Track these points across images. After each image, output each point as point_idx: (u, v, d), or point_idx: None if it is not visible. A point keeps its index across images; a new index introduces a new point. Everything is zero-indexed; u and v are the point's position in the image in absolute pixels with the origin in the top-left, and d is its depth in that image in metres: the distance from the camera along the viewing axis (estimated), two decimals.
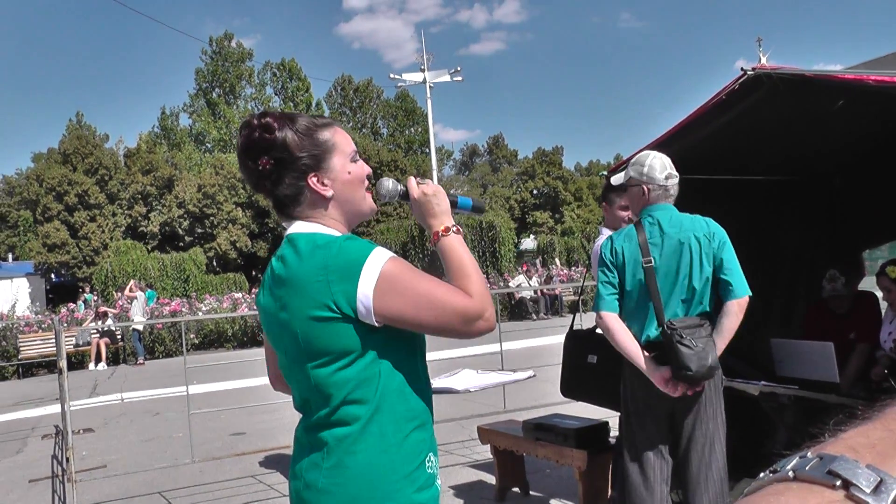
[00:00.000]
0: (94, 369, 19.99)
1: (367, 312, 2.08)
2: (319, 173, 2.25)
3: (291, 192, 2.24)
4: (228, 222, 44.30)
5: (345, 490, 2.11)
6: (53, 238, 39.83)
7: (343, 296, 2.07)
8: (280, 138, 2.21)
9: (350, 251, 2.12)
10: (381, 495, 2.11)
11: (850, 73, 4.35)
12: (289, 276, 2.18)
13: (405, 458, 2.15)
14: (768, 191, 6.56)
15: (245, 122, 2.31)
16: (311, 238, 2.20)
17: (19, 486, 8.07)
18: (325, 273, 2.09)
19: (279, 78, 62.75)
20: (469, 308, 2.14)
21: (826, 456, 0.60)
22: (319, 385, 2.15)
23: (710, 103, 4.90)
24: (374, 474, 2.11)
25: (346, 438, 2.12)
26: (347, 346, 2.11)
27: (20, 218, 46.58)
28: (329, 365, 2.13)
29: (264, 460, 8.10)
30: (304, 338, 2.14)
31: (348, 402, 2.13)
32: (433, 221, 2.37)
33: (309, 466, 2.18)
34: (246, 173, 2.31)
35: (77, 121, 55.16)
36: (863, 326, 5.85)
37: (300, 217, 2.28)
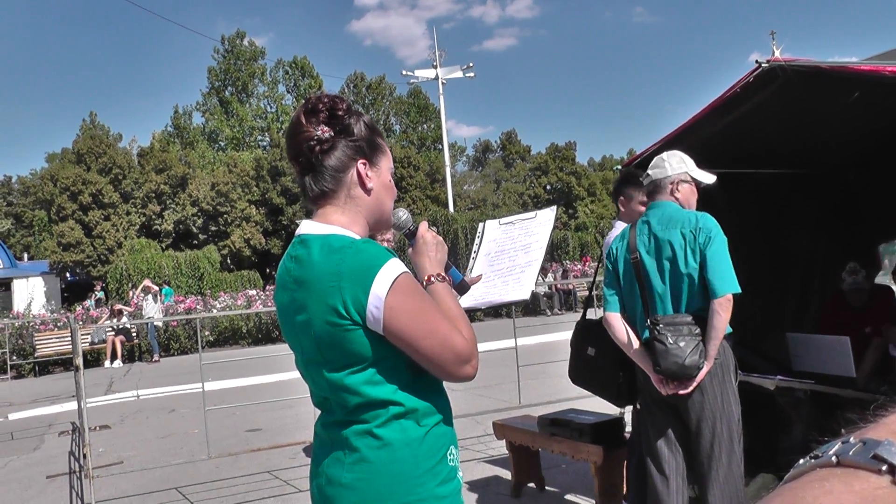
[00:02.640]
0: (110, 367, 20.06)
1: (376, 320, 2.08)
2: (369, 163, 2.28)
3: (337, 164, 2.24)
4: (242, 220, 44.39)
5: (369, 485, 2.11)
6: (68, 237, 39.99)
7: (353, 302, 2.07)
8: (347, 118, 2.25)
9: (366, 254, 2.11)
10: (404, 490, 2.11)
11: (866, 64, 4.32)
12: (305, 278, 2.17)
13: (427, 452, 2.15)
14: (783, 184, 6.53)
15: (316, 94, 2.34)
16: (327, 241, 2.18)
17: (37, 482, 8.11)
18: (338, 278, 2.09)
19: (291, 76, 62.78)
20: (464, 350, 2.16)
21: (870, 441, 0.58)
22: (336, 387, 2.16)
23: (724, 97, 4.88)
24: (397, 469, 2.11)
25: (368, 435, 2.12)
26: (360, 352, 2.12)
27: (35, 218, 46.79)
28: (344, 369, 2.14)
29: (280, 456, 8.11)
30: (319, 342, 2.15)
31: (366, 402, 2.13)
32: (427, 265, 2.41)
33: (331, 462, 2.19)
34: (296, 136, 2.26)
35: (90, 121, 55.31)
36: (879, 321, 5.82)
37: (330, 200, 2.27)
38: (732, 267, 4.01)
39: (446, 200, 44.43)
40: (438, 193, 48.44)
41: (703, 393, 4.13)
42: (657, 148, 5.32)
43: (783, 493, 0.59)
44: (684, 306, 4.16)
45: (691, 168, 4.31)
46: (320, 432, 2.30)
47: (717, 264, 4.01)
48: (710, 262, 4.02)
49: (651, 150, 5.54)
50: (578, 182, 55.37)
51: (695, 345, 4.05)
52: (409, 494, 2.11)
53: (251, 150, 56.52)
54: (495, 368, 10.26)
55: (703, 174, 4.34)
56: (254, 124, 61.62)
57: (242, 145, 59.45)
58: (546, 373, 9.51)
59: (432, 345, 2.11)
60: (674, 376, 4.13)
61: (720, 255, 4.03)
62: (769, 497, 0.59)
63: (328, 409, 2.25)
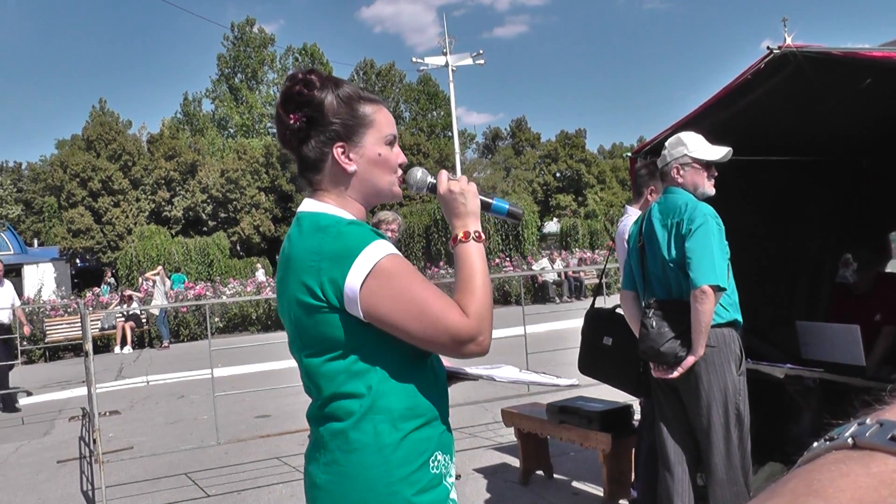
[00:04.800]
0: (120, 352, 20.14)
1: (353, 306, 1.96)
2: (348, 145, 2.13)
3: (314, 156, 2.15)
4: (252, 207, 44.46)
5: (339, 488, 2.01)
6: (78, 224, 40.12)
7: (330, 284, 1.97)
8: (318, 97, 2.11)
9: (347, 238, 2.00)
10: (375, 497, 1.99)
11: (878, 50, 4.29)
12: (290, 256, 2.09)
13: (403, 458, 2.01)
14: (794, 172, 6.50)
15: (291, 74, 2.20)
16: (315, 218, 2.10)
17: (47, 467, 8.15)
18: (318, 257, 1.99)
19: (301, 63, 62.65)
20: (462, 329, 1.99)
21: (887, 422, 0.57)
22: (311, 374, 2.08)
23: (735, 83, 4.86)
24: (367, 475, 1.99)
25: (340, 435, 2.02)
26: (336, 338, 2.01)
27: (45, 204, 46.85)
28: (319, 355, 2.04)
29: (289, 442, 8.13)
30: (297, 324, 2.07)
31: (339, 395, 2.02)
32: (456, 222, 2.22)
33: (310, 459, 2.12)
34: (277, 125, 2.19)
35: (100, 107, 55.39)
36: (888, 308, 5.79)
37: (318, 186, 2.18)
38: (716, 258, 3.96)
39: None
40: None
41: (698, 380, 4.14)
42: (666, 135, 5.30)
43: (798, 475, 0.58)
44: (674, 293, 4.19)
45: (692, 149, 4.28)
46: (310, 424, 2.19)
47: (696, 255, 3.99)
48: (688, 252, 4.02)
49: (660, 137, 5.52)
50: (588, 169, 55.24)
51: (678, 332, 4.05)
52: (381, 502, 1.99)
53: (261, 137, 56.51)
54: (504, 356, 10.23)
55: (708, 151, 4.30)
56: (263, 111, 61.58)
57: (252, 132, 59.45)
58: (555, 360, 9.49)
59: (423, 327, 1.97)
60: (652, 360, 4.18)
61: (701, 247, 4.00)
62: (784, 479, 0.58)
63: (312, 398, 2.16)
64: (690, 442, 4.37)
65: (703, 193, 4.27)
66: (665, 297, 4.23)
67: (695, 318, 3.97)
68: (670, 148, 4.35)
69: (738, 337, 4.22)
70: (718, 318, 4.09)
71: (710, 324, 3.99)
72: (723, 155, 4.29)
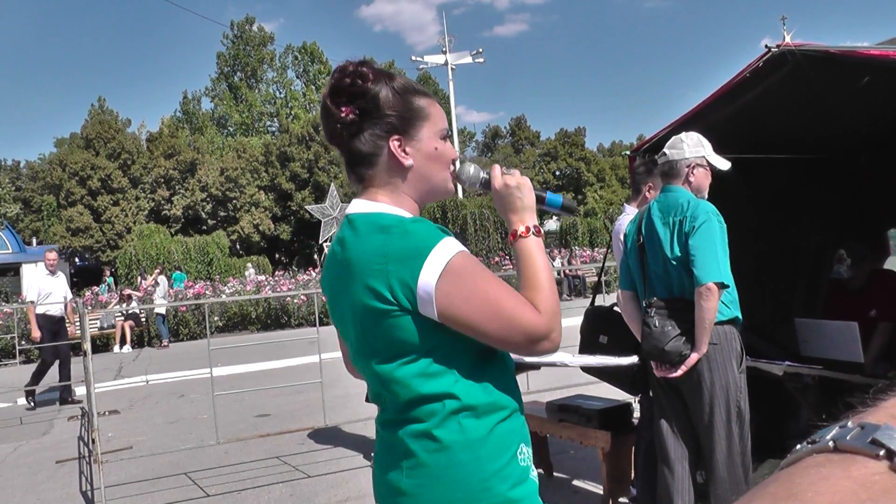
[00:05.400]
0: (119, 352, 20.13)
1: (428, 307, 1.87)
2: (404, 138, 2.04)
3: (368, 150, 2.04)
4: (251, 205, 44.50)
5: (429, 492, 1.91)
6: (77, 222, 40.13)
7: (400, 285, 1.87)
8: (373, 89, 2.02)
9: (415, 236, 1.90)
10: (470, 496, 1.90)
11: (876, 49, 4.29)
12: (349, 260, 1.97)
13: (493, 452, 1.93)
14: (793, 169, 6.50)
15: (340, 66, 2.10)
16: (372, 219, 1.99)
17: (46, 467, 8.14)
18: (385, 260, 1.89)
19: (301, 61, 62.80)
20: (537, 327, 1.90)
21: (868, 425, 0.57)
22: (385, 381, 1.96)
23: (733, 81, 4.85)
24: (459, 473, 1.90)
25: (424, 436, 1.92)
26: (410, 341, 1.91)
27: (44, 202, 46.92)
28: (393, 360, 1.94)
29: (289, 441, 8.14)
30: (365, 331, 1.96)
31: (420, 398, 1.92)
32: (513, 217, 2.13)
33: (389, 467, 2.00)
34: (325, 120, 2.08)
35: (99, 105, 55.44)
36: (884, 304, 5.79)
37: (371, 183, 2.08)
38: (720, 256, 3.97)
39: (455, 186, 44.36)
40: None
41: (700, 378, 4.14)
42: (666, 133, 5.30)
43: (779, 478, 0.58)
44: (676, 292, 4.18)
45: (709, 152, 4.30)
46: (379, 430, 2.09)
47: (700, 253, 3.99)
48: (692, 250, 4.02)
49: (660, 134, 5.52)
50: (588, 168, 55.35)
51: (681, 331, 4.06)
52: (477, 501, 1.90)
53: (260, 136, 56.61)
54: None
55: (720, 160, 4.33)
56: (263, 110, 61.68)
57: (251, 131, 59.53)
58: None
59: (499, 327, 1.88)
60: (656, 360, 4.18)
61: (704, 244, 4.00)
62: (765, 483, 0.58)
63: (384, 406, 2.05)
64: (691, 440, 4.37)
65: (702, 198, 4.28)
66: (666, 296, 4.23)
67: (699, 315, 3.97)
68: (691, 145, 4.31)
69: (739, 334, 4.22)
70: (720, 316, 4.09)
71: (713, 321, 3.99)
72: (728, 167, 4.36)
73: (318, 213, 37.61)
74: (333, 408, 8.43)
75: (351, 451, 7.72)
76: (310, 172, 45.83)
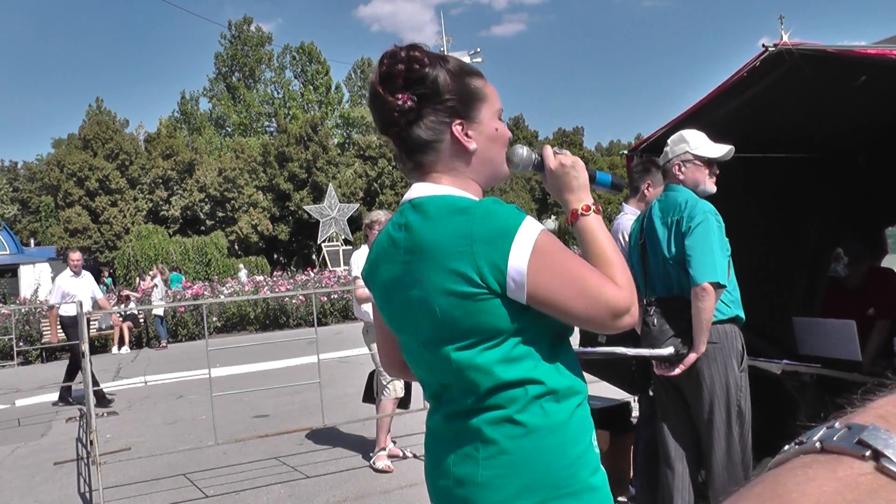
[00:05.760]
0: (118, 353, 20.11)
1: (518, 289, 1.81)
2: (466, 122, 1.97)
3: (429, 137, 1.96)
4: (249, 206, 44.51)
5: (511, 481, 1.82)
6: (75, 223, 40.12)
7: (490, 268, 1.80)
8: (431, 74, 1.94)
9: (499, 217, 1.83)
10: (554, 482, 1.83)
11: (873, 48, 4.29)
12: (421, 245, 1.90)
13: (574, 437, 1.88)
14: (791, 168, 6.50)
15: (389, 52, 1.99)
16: (445, 201, 1.92)
17: (44, 469, 8.13)
18: (469, 242, 1.81)
19: (298, 61, 62.83)
20: (620, 301, 1.86)
21: (855, 426, 0.57)
22: (464, 369, 1.87)
23: (731, 80, 4.85)
24: (543, 458, 1.83)
25: (506, 422, 1.84)
26: (495, 325, 1.84)
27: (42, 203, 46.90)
28: (475, 346, 1.86)
29: (287, 442, 8.14)
30: (444, 316, 1.86)
31: (501, 384, 1.85)
32: (571, 197, 2.09)
33: (459, 460, 1.90)
34: (378, 109, 1.99)
35: (97, 106, 55.43)
36: (881, 302, 5.79)
37: (432, 169, 2.00)
38: (716, 255, 3.95)
39: None
40: None
41: (700, 377, 4.15)
42: (664, 132, 5.30)
43: (765, 479, 0.57)
44: (676, 290, 4.18)
45: (694, 146, 4.28)
46: (438, 427, 2.01)
47: (696, 253, 3.99)
48: (688, 250, 4.02)
49: (657, 134, 5.52)
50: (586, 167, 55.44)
51: (679, 330, 4.06)
52: (561, 488, 1.83)
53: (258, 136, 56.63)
54: None
55: (710, 149, 4.29)
56: (261, 110, 61.69)
57: (249, 131, 59.56)
58: None
59: (585, 305, 1.83)
60: (654, 358, 4.18)
61: (701, 244, 4.00)
62: (751, 483, 0.58)
63: (450, 399, 1.95)
64: (691, 438, 4.38)
65: (703, 191, 4.26)
66: (666, 295, 4.23)
67: (695, 315, 3.97)
68: (672, 145, 4.34)
69: (740, 333, 4.23)
70: (720, 315, 4.10)
71: (710, 321, 3.98)
72: (724, 153, 4.28)
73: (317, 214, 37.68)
74: (332, 408, 8.43)
75: (350, 451, 7.72)
76: (308, 173, 45.85)
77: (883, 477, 0.53)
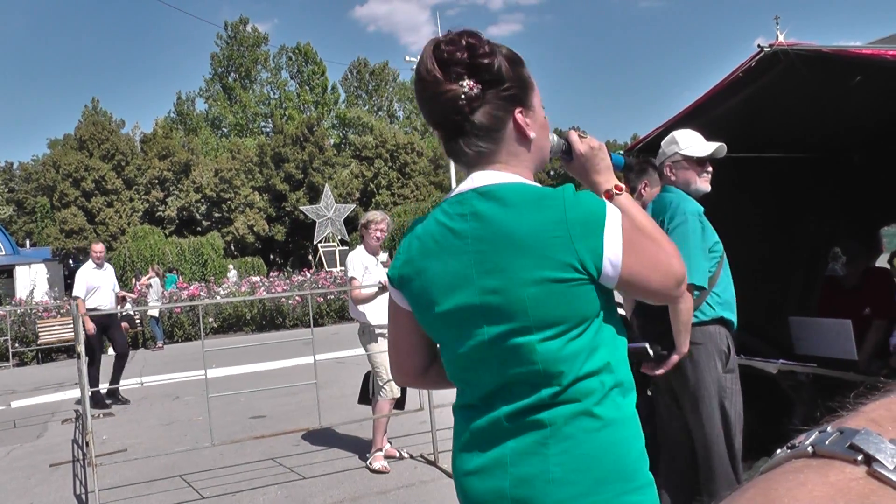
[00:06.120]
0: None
1: (613, 273, 1.81)
2: (525, 109, 1.94)
3: (490, 124, 1.91)
4: (246, 206, 44.49)
5: (585, 476, 1.77)
6: (71, 224, 40.08)
7: (589, 253, 1.78)
8: (495, 62, 1.89)
9: (588, 202, 1.82)
10: (625, 476, 1.81)
11: (868, 48, 4.30)
12: (503, 233, 1.82)
13: (638, 432, 1.87)
14: (787, 168, 6.51)
15: (447, 38, 1.91)
16: (521, 189, 1.88)
17: (40, 471, 8.12)
18: (566, 227, 1.78)
19: (295, 62, 62.83)
20: (680, 269, 1.91)
21: (847, 430, 0.57)
22: (550, 361, 1.80)
23: (726, 81, 4.86)
24: (617, 452, 1.80)
25: (583, 415, 1.79)
26: (585, 312, 1.81)
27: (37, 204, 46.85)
28: (562, 335, 1.80)
29: (284, 443, 8.13)
30: (534, 305, 1.79)
31: (583, 375, 1.81)
32: (600, 179, 2.12)
33: (521, 458, 1.83)
34: (435, 97, 1.90)
35: (93, 107, 55.34)
36: (878, 302, 5.81)
37: (493, 158, 1.95)
38: (693, 258, 3.92)
39: (450, 186, 44.42)
40: (442, 179, 48.47)
41: (684, 377, 4.16)
42: (660, 132, 5.31)
43: (757, 484, 0.57)
44: None
45: (684, 147, 4.27)
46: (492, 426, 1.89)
47: None
48: None
49: (653, 134, 5.52)
50: None
51: (661, 331, 4.06)
52: (630, 482, 1.82)
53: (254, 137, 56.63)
54: None
55: (699, 148, 4.27)
56: (257, 110, 61.69)
57: (245, 131, 59.56)
58: None
59: (660, 278, 1.87)
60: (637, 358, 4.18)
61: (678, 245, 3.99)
62: (743, 488, 0.58)
63: (514, 395, 1.86)
64: (687, 438, 4.38)
65: (696, 190, 4.26)
66: None
67: (673, 317, 3.96)
68: (664, 147, 4.36)
69: (728, 335, 4.21)
70: (703, 316, 4.11)
71: (689, 322, 3.97)
72: (712, 151, 4.25)
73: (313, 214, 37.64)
74: (328, 409, 8.42)
75: (346, 452, 7.71)
76: (304, 173, 45.83)
77: (874, 481, 0.53)
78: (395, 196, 47.31)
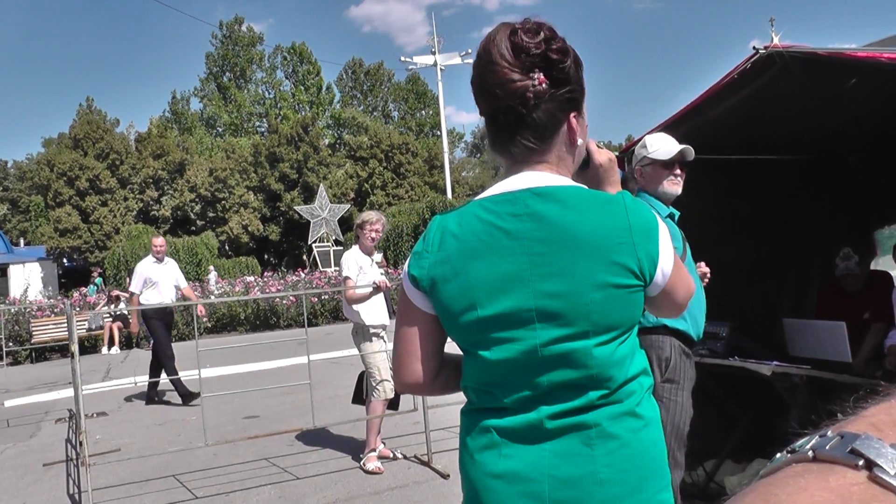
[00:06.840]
0: (107, 353, 20.06)
1: (661, 282, 1.85)
2: (577, 114, 1.92)
3: (546, 121, 1.86)
4: (240, 206, 44.44)
5: (632, 475, 1.79)
6: (65, 223, 40.00)
7: (647, 260, 1.80)
8: (568, 62, 1.84)
9: (645, 211, 1.84)
10: (663, 472, 1.85)
11: (863, 51, 4.30)
12: (568, 235, 1.79)
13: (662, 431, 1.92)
14: (781, 170, 6.51)
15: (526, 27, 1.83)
16: (580, 192, 1.86)
17: (33, 470, 8.10)
18: (630, 233, 1.79)
19: (290, 62, 62.80)
20: (693, 287, 1.98)
21: (847, 434, 0.56)
22: (604, 365, 1.80)
23: (721, 83, 4.85)
24: (655, 451, 1.85)
25: (627, 416, 1.81)
26: (635, 318, 1.85)
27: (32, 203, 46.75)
28: (614, 340, 1.81)
29: (278, 443, 8.12)
30: (596, 309, 1.77)
31: (629, 378, 1.84)
32: (611, 190, 2.08)
33: (562, 461, 1.80)
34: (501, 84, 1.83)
35: (87, 106, 55.26)
36: (877, 306, 5.81)
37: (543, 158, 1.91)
38: None
39: (444, 187, 44.46)
40: (437, 180, 48.45)
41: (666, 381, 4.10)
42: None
43: (757, 488, 0.57)
44: None
45: (651, 150, 4.23)
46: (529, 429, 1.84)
47: None
48: None
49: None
50: None
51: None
52: (664, 478, 1.85)
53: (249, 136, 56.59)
54: None
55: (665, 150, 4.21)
56: (252, 110, 61.65)
57: (240, 131, 59.50)
58: None
59: (683, 293, 1.94)
60: None
61: None
62: (743, 493, 0.57)
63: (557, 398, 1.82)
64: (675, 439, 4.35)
65: (664, 193, 4.19)
66: None
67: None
68: (636, 151, 4.33)
69: (677, 344, 4.08)
70: (646, 322, 3.93)
71: None
72: (677, 153, 4.19)
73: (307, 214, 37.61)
74: (322, 409, 8.41)
75: (340, 452, 7.71)
76: (299, 173, 45.80)
77: (876, 487, 0.53)
78: (390, 196, 47.25)
